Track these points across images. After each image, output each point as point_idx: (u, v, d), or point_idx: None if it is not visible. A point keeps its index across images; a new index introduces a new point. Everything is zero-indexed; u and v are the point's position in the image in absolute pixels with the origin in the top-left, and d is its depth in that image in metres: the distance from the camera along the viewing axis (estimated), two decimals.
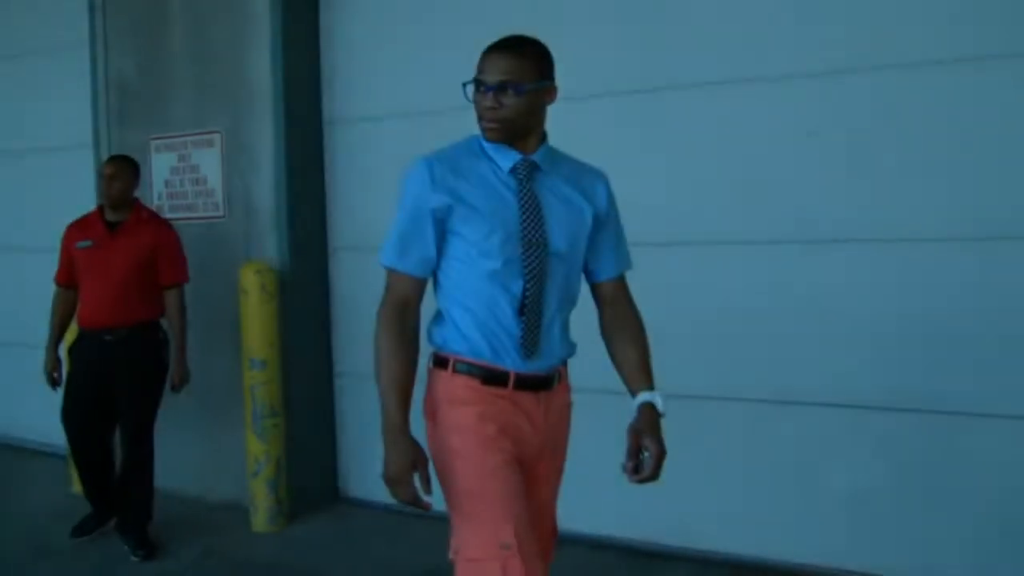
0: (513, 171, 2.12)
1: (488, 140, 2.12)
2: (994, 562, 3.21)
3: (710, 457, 3.62)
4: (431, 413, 2.15)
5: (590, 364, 2.30)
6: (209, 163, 4.50)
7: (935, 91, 3.23)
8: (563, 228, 2.14)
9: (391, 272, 2.11)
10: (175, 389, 3.99)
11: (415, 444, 2.03)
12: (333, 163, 4.49)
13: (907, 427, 3.34)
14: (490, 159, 2.13)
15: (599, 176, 2.27)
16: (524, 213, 2.09)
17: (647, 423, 2.08)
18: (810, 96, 3.43)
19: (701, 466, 3.60)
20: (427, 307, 2.12)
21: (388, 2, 4.30)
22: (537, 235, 2.09)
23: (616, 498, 3.58)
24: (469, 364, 2.09)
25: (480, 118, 2.11)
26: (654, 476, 2.04)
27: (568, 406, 2.26)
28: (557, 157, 2.21)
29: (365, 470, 4.46)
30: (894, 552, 3.37)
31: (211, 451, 4.57)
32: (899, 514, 3.36)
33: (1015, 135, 3.13)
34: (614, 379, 2.20)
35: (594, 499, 3.48)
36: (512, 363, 2.09)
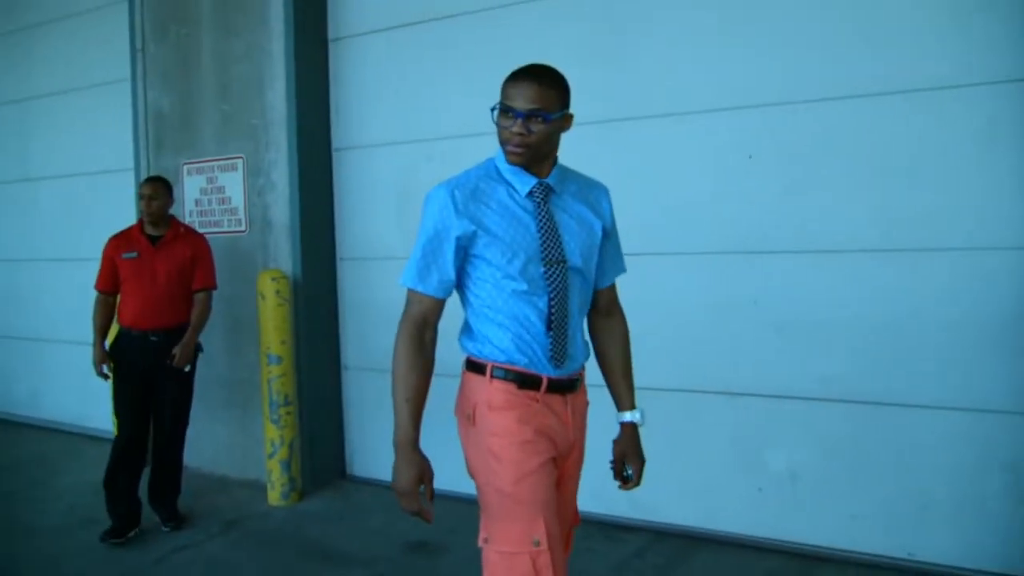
0: (530, 195, 2.19)
1: (511, 163, 2.19)
2: (910, 533, 3.60)
3: (667, 441, 4.02)
4: (468, 414, 2.21)
5: None
6: (233, 185, 5.05)
7: (853, 121, 3.63)
8: (578, 244, 2.23)
9: (411, 292, 2.19)
10: (177, 364, 4.22)
11: (424, 459, 2.13)
12: (340, 185, 5.02)
13: (836, 415, 3.73)
14: (507, 183, 2.20)
15: (603, 190, 2.37)
16: (543, 235, 2.17)
17: (630, 444, 2.41)
18: (750, 124, 3.84)
19: (658, 449, 4.02)
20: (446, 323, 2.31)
21: (388, 49, 4.81)
22: (556, 254, 2.18)
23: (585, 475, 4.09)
24: (506, 370, 2.17)
25: (505, 142, 2.17)
26: (638, 484, 2.42)
27: (587, 405, 2.36)
28: (567, 176, 2.29)
29: (369, 452, 5.02)
30: (825, 525, 3.77)
31: (235, 435, 5.13)
32: (828, 491, 3.77)
33: (917, 159, 3.53)
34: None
35: None
36: (544, 369, 2.18)
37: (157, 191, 4.33)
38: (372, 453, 5.01)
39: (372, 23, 4.88)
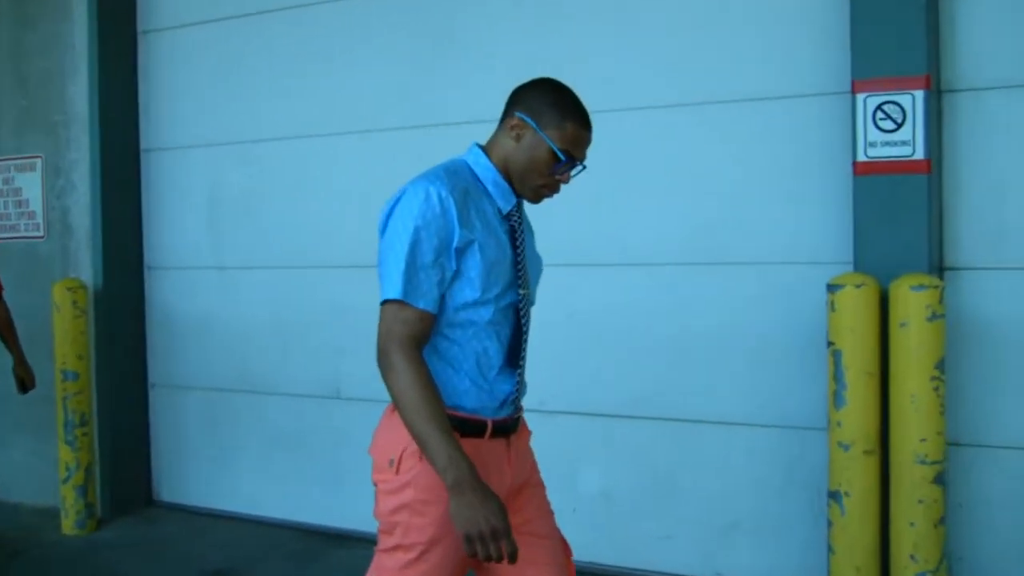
0: (508, 216, 2.00)
1: (530, 201, 2.04)
2: (719, 553, 3.55)
3: None
4: (391, 459, 1.92)
5: None
6: (31, 186, 4.73)
7: (668, 131, 3.59)
8: (535, 275, 2.10)
9: (401, 308, 1.84)
10: (24, 391, 4.03)
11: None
12: (148, 189, 4.73)
13: (647, 432, 3.66)
14: (490, 196, 1.99)
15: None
16: (519, 261, 1.99)
17: None
18: None
19: None
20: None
21: (202, 44, 4.56)
22: (525, 283, 2.01)
23: None
24: (450, 416, 1.85)
25: (545, 187, 2.00)
26: None
27: (529, 435, 2.16)
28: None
29: (178, 476, 4.71)
30: (637, 546, 3.68)
31: (29, 458, 4.77)
32: (641, 511, 3.69)
33: (730, 172, 3.50)
34: None
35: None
36: (488, 411, 1.96)
37: None
38: (182, 477, 4.69)
39: (186, 16, 4.61)
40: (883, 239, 3.15)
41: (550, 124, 1.96)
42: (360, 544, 4.01)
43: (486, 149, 2.04)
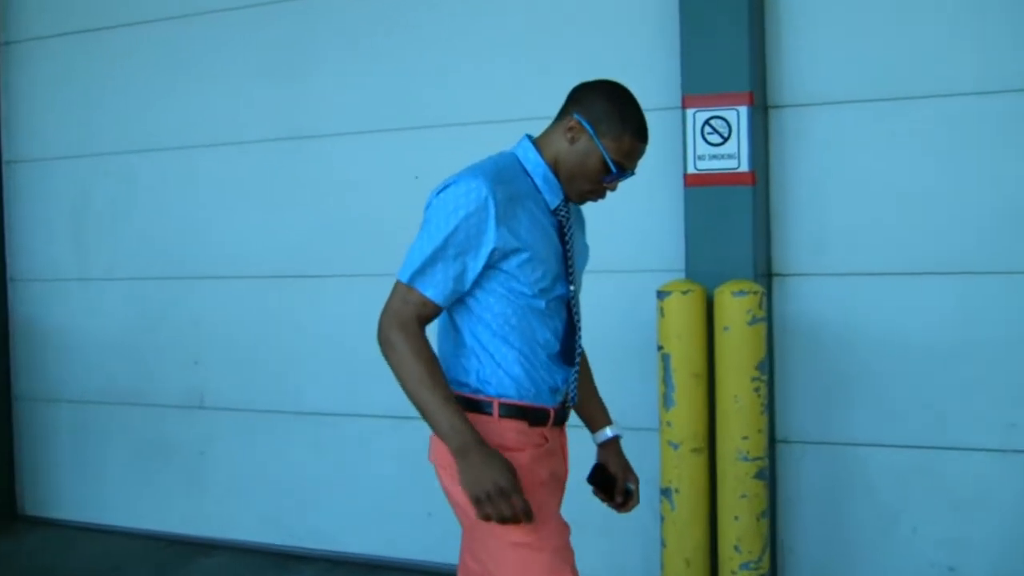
0: (556, 211, 1.99)
1: (574, 202, 2.04)
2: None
3: (338, 467, 4.00)
4: None
5: None
6: None
7: (496, 145, 3.67)
8: (581, 267, 2.10)
9: (409, 290, 1.88)
10: None
11: None
12: (11, 200, 4.67)
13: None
14: (538, 191, 1.98)
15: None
16: (568, 255, 2.00)
17: (624, 461, 2.23)
18: (415, 145, 3.84)
19: (330, 475, 4.01)
20: None
21: (67, 55, 4.52)
22: (575, 279, 2.03)
23: (260, 505, 3.98)
24: (517, 407, 1.92)
25: (591, 192, 2.01)
26: (638, 501, 2.23)
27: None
28: None
29: (44, 489, 4.64)
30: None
31: None
32: None
33: None
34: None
35: (242, 508, 3.89)
36: (547, 399, 1.98)
37: None
38: (47, 490, 4.62)
39: (50, 27, 4.55)
40: (711, 248, 3.30)
41: (608, 133, 1.94)
42: (224, 552, 4.04)
43: (538, 143, 2.03)
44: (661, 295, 3.18)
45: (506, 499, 1.77)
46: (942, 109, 3.17)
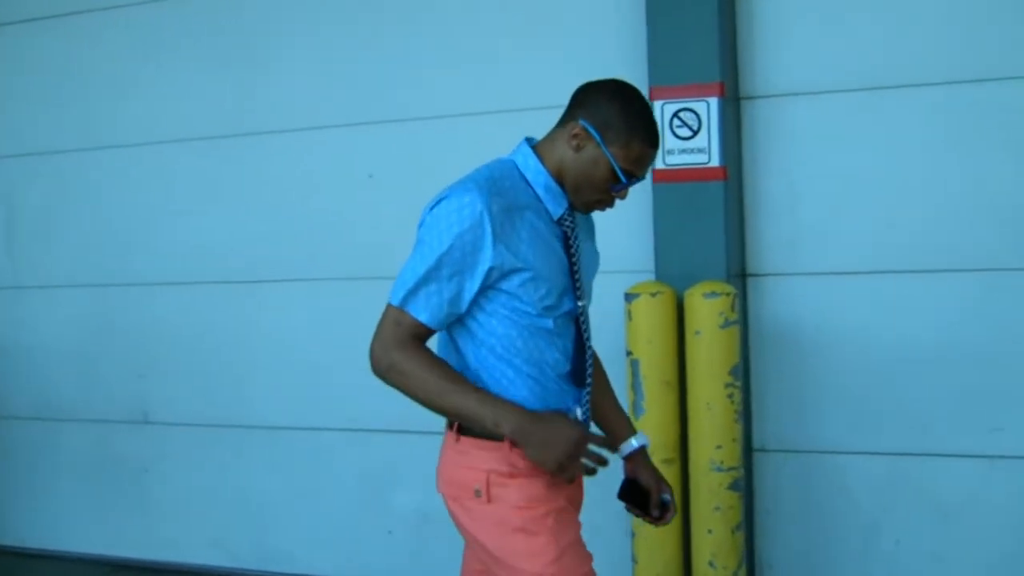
0: (560, 221, 1.88)
1: (580, 212, 1.93)
2: None
3: (293, 484, 3.82)
4: (476, 490, 1.82)
5: None
6: None
7: (471, 138, 3.47)
8: (590, 278, 2.01)
9: (401, 314, 1.78)
10: None
11: None
12: None
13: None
14: (539, 201, 1.87)
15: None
16: (574, 268, 1.89)
17: (654, 471, 2.09)
18: (370, 143, 3.69)
19: (285, 493, 3.82)
20: None
21: None
22: (583, 293, 1.92)
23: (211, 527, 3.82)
24: None
25: (600, 202, 1.90)
26: (676, 512, 2.10)
27: None
28: None
29: (11, 515, 4.37)
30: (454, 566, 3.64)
31: None
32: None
33: None
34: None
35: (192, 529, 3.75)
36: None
37: None
38: (17, 516, 4.32)
39: None
40: (681, 247, 3.17)
41: (616, 141, 1.82)
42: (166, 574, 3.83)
43: (539, 149, 1.90)
44: (629, 298, 3.04)
45: (585, 452, 1.78)
46: (922, 99, 3.04)
